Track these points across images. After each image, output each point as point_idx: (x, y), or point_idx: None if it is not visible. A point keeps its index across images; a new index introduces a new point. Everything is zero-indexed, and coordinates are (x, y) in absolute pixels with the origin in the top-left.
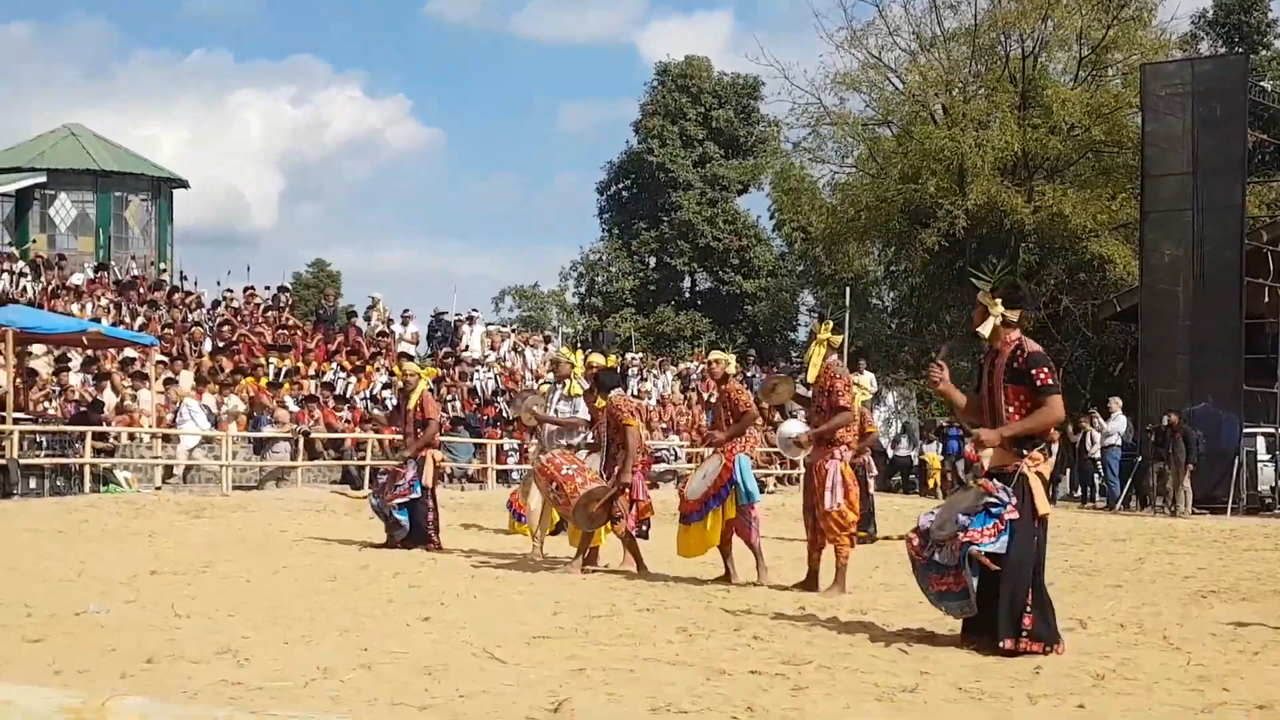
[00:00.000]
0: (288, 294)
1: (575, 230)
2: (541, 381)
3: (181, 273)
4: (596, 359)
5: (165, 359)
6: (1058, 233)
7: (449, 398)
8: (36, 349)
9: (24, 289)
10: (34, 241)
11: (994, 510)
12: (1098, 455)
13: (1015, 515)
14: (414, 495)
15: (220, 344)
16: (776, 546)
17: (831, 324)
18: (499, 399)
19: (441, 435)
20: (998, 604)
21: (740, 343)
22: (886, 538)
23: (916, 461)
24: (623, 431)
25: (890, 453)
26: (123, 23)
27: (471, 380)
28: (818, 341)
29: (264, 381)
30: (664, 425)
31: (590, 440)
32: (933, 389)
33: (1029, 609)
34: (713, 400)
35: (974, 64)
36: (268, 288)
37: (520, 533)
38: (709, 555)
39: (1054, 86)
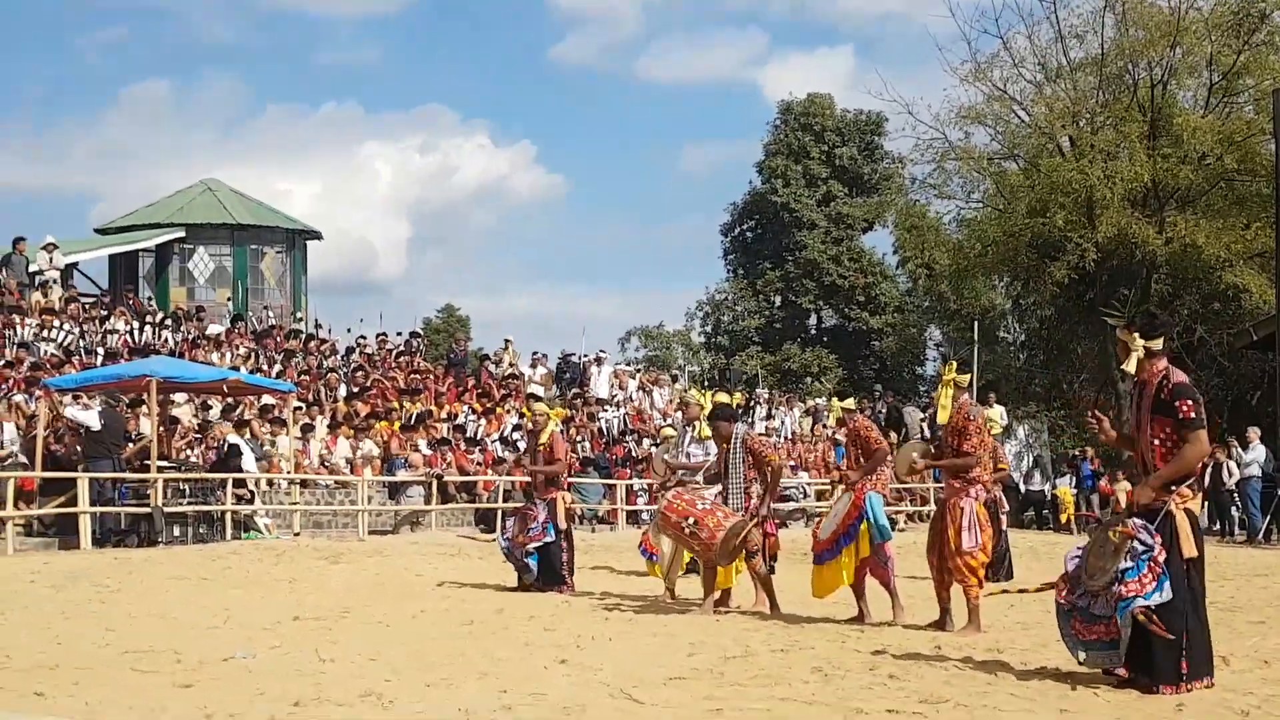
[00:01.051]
0: (419, 339)
1: (699, 271)
2: (663, 429)
3: (316, 321)
4: (721, 397)
5: (302, 404)
6: (1190, 263)
7: (578, 438)
8: (178, 397)
9: (165, 339)
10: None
11: (1142, 556)
12: (1233, 487)
13: (1164, 556)
14: (547, 539)
15: (354, 389)
16: (909, 585)
17: (955, 364)
18: (627, 438)
19: (571, 476)
20: (1152, 649)
21: (868, 378)
22: (1023, 590)
23: (1049, 496)
24: (761, 465)
25: (1023, 488)
26: (256, 79)
27: (599, 420)
28: (945, 384)
29: (397, 425)
30: (792, 462)
31: (706, 474)
32: (1105, 442)
33: (1185, 653)
34: (841, 438)
35: (1101, 94)
36: (400, 334)
37: (654, 574)
38: (842, 595)
39: (1184, 115)
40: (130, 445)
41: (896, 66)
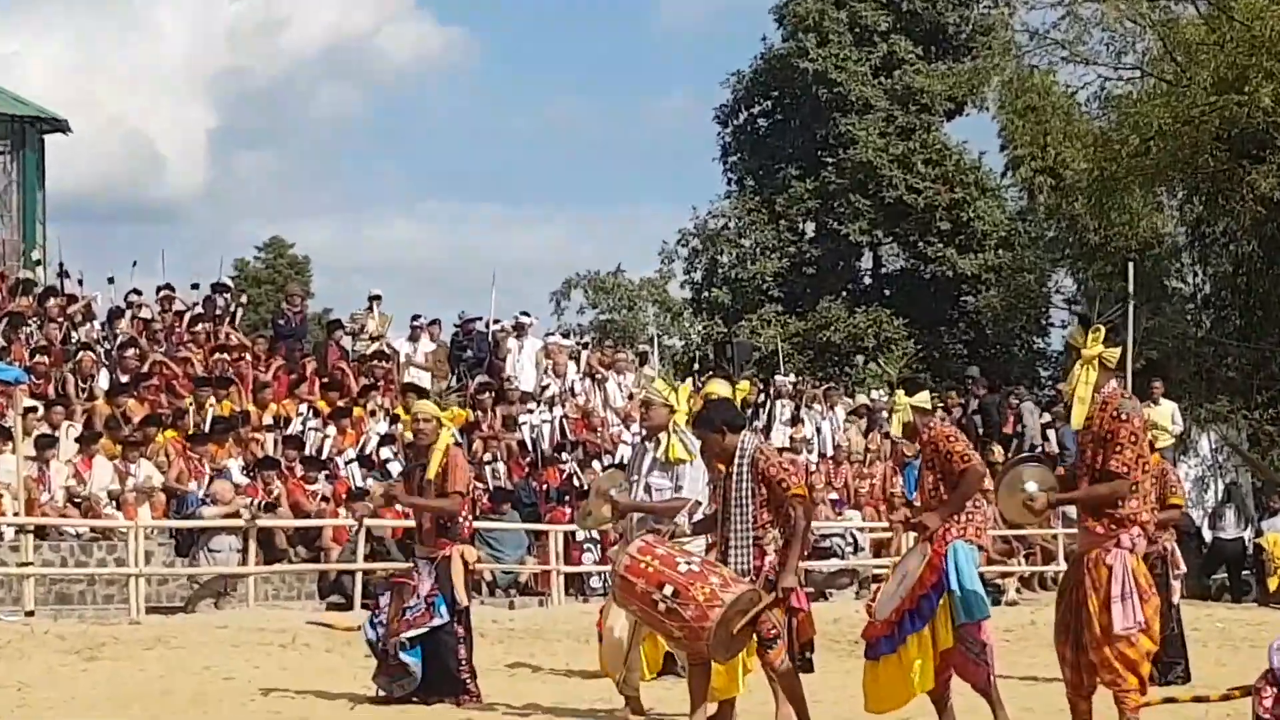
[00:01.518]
0: (228, 296)
1: (682, 184)
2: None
3: (61, 266)
4: (717, 388)
5: (37, 404)
6: None
7: (486, 457)
8: None
9: None
10: None
11: None
12: None
13: None
14: (435, 621)
15: (123, 378)
16: (1023, 691)
17: (1103, 331)
18: (565, 456)
19: (476, 518)
20: None
21: (955, 356)
22: (1200, 698)
23: (1250, 547)
24: (782, 500)
25: (1208, 535)
26: None
27: (521, 427)
28: (1083, 361)
29: (192, 435)
30: (834, 495)
31: (697, 518)
32: None
33: None
34: (911, 454)
35: None
36: (195, 286)
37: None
38: (915, 708)
39: None
40: None
41: None
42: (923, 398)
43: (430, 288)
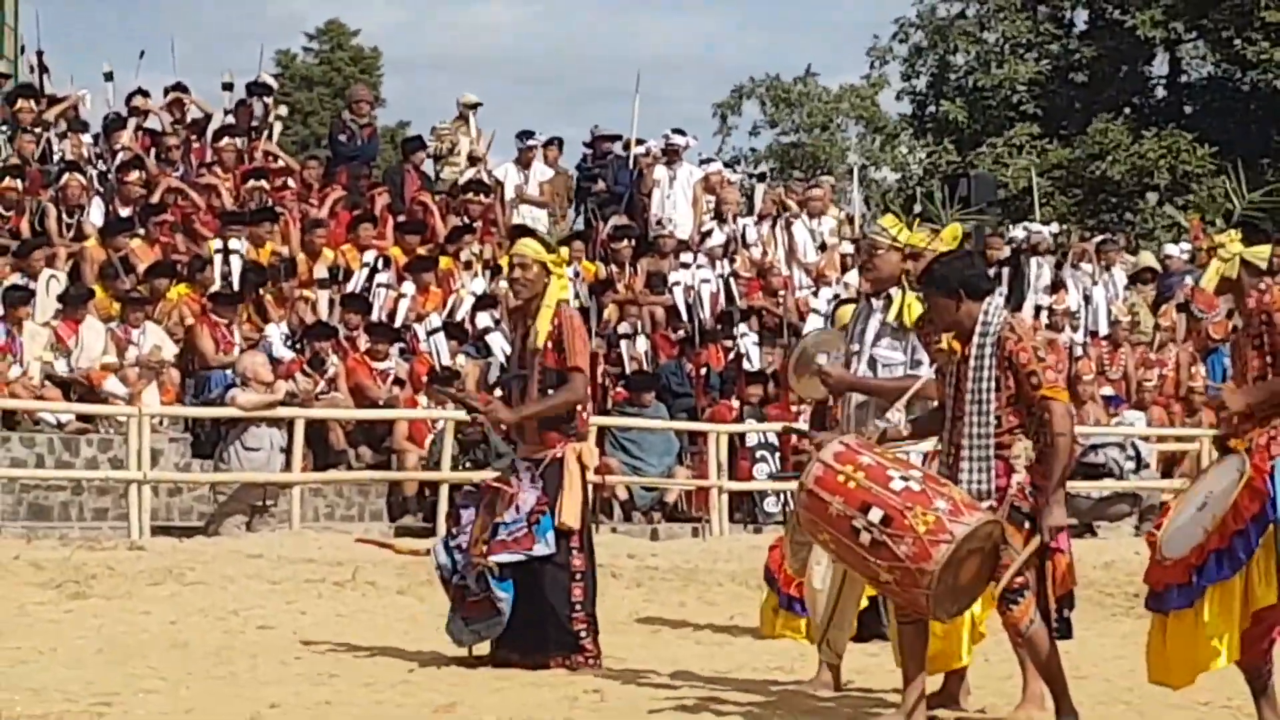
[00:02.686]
0: (268, 101)
1: None
2: (837, 304)
3: (40, 56)
4: (917, 238)
5: (6, 245)
6: None
7: (624, 328)
8: None
9: None
10: None
11: None
12: None
13: None
14: (539, 548)
15: (124, 211)
16: None
17: None
18: (736, 330)
19: (603, 409)
20: None
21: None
22: None
23: None
24: (1033, 400)
25: None
26: None
27: (672, 288)
28: None
29: (215, 292)
30: (1107, 389)
31: (913, 409)
32: None
33: None
34: (1229, 329)
35: None
36: (228, 87)
37: (791, 633)
38: (1222, 681)
39: None
40: None
41: None
42: (1262, 251)
43: (546, 94)
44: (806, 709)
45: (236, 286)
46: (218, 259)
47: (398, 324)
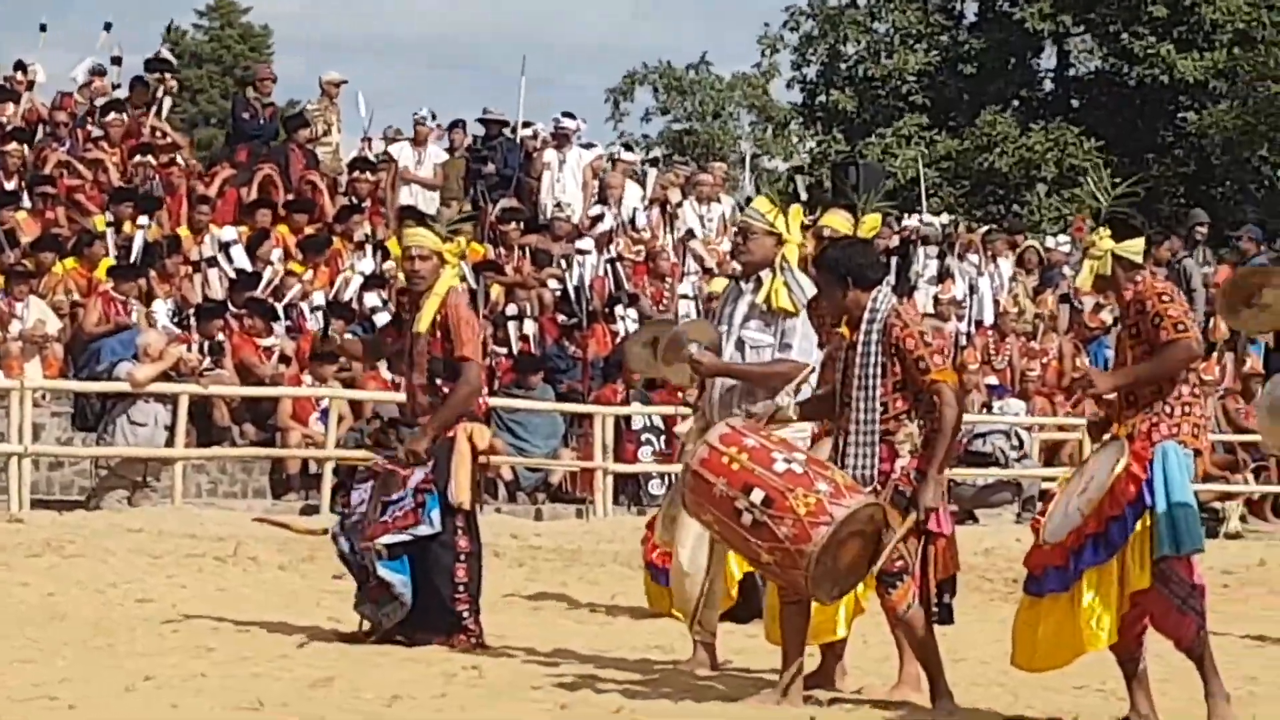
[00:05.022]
0: (162, 73)
1: None
2: (712, 282)
3: None
4: (836, 222)
5: None
6: None
7: (510, 310)
8: None
9: None
10: None
11: None
12: None
13: None
14: (424, 528)
15: (7, 184)
16: (1246, 657)
17: None
18: (621, 311)
19: (490, 391)
20: None
21: (1169, 194)
22: None
23: None
24: (921, 384)
25: None
26: None
27: (562, 270)
28: None
29: (102, 269)
30: (992, 379)
31: (802, 396)
32: None
33: None
34: (1099, 327)
35: None
36: (116, 61)
37: (666, 610)
38: (1091, 665)
39: None
40: None
41: None
42: (1134, 245)
43: (435, 76)
44: (684, 687)
45: (126, 261)
46: (109, 234)
47: (284, 302)
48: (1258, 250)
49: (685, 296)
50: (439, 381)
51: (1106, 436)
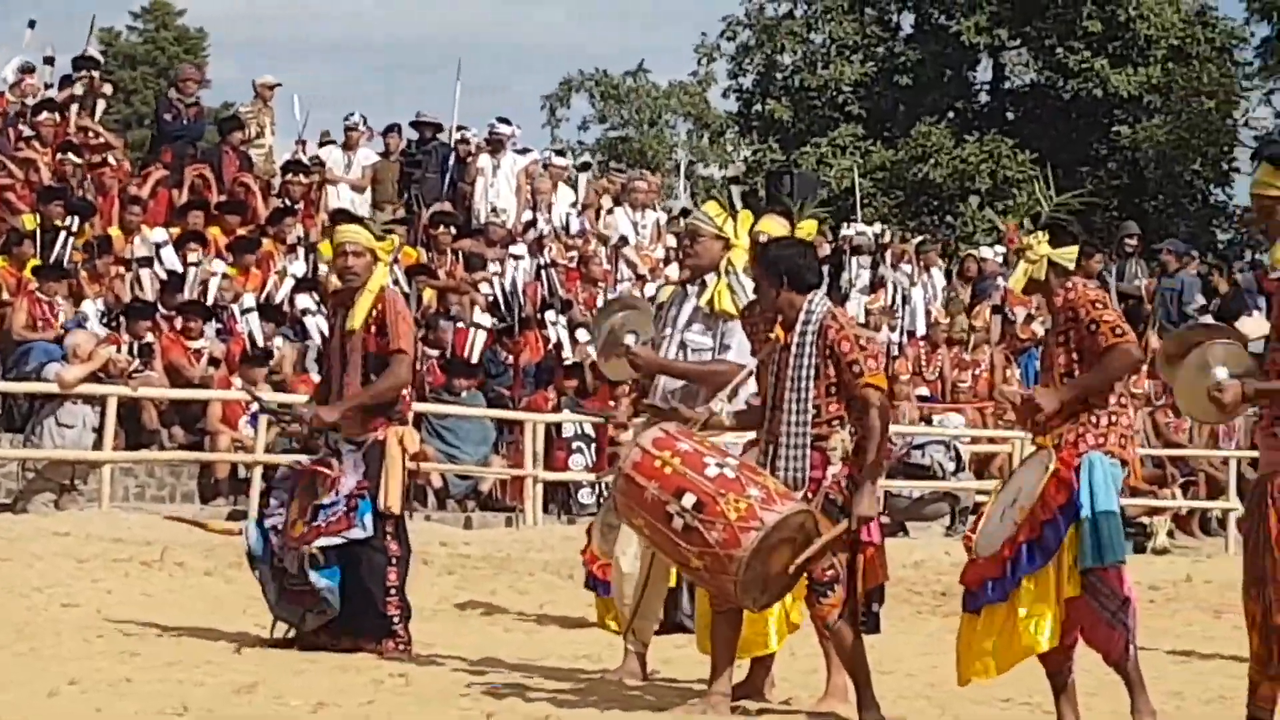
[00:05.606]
0: (92, 74)
1: None
2: (660, 285)
3: None
4: (771, 227)
5: None
6: None
7: (442, 314)
8: None
9: None
10: None
11: None
12: None
13: None
14: (356, 532)
15: None
16: (1173, 671)
17: None
18: (552, 316)
19: (422, 395)
20: None
21: (1102, 208)
22: None
23: None
24: (854, 390)
25: None
26: None
27: (495, 274)
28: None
29: (29, 269)
30: (924, 390)
31: (738, 405)
32: None
33: None
34: (1033, 333)
35: None
36: (49, 61)
37: (604, 622)
38: (1024, 677)
39: None
40: None
41: None
42: (1069, 253)
43: (368, 80)
44: (612, 697)
45: (54, 261)
46: (39, 233)
47: (214, 303)
48: (1179, 263)
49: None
50: (373, 378)
51: (1031, 449)
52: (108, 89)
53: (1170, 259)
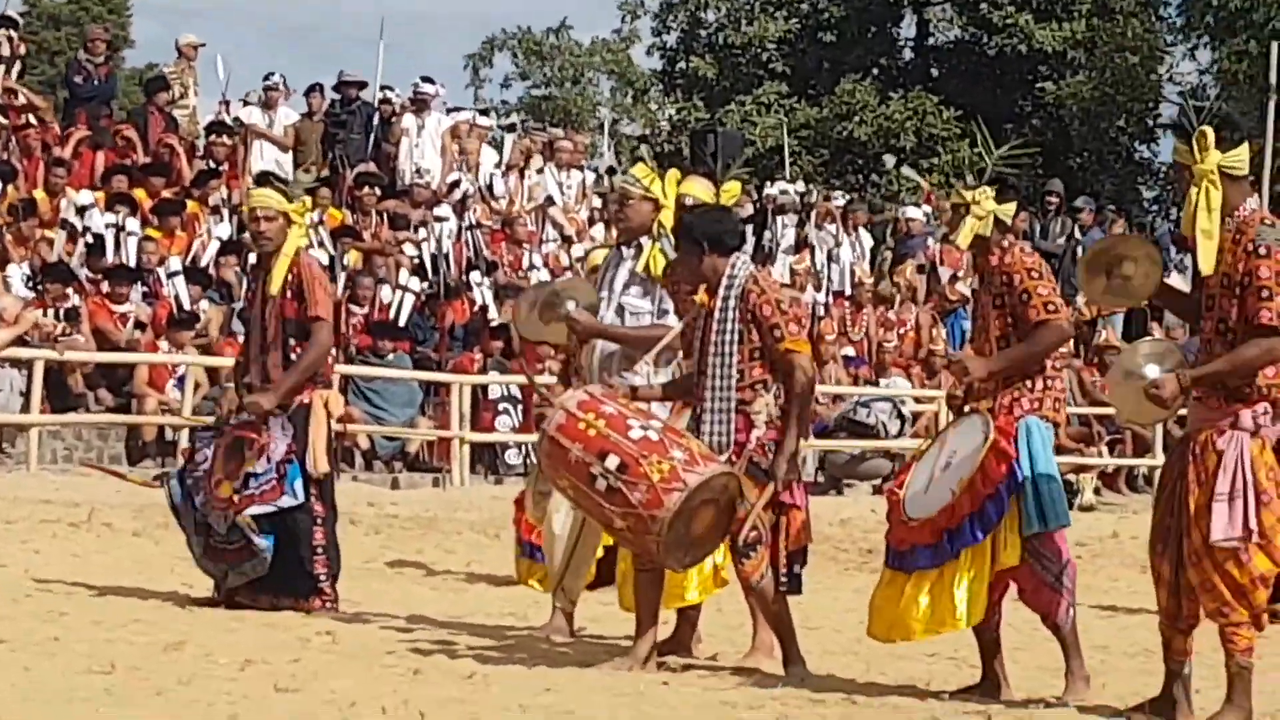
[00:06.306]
0: (11, 34)
1: None
2: (591, 248)
3: None
4: (695, 189)
5: None
6: None
7: (365, 277)
8: None
9: None
10: None
11: None
12: None
13: None
14: (289, 499)
15: None
16: (1099, 626)
17: (1210, 134)
18: (478, 279)
19: (344, 362)
20: None
21: (1027, 165)
22: None
23: None
24: (776, 355)
25: None
26: None
27: (420, 236)
28: (1199, 178)
29: None
30: (849, 351)
31: (676, 369)
32: None
33: None
34: (963, 288)
35: None
36: None
37: (530, 582)
38: (951, 640)
39: None
40: None
41: None
42: (1009, 209)
43: (290, 38)
44: (539, 653)
45: None
46: None
47: (140, 267)
48: (1094, 221)
49: (535, 267)
50: (292, 343)
51: (966, 409)
52: (20, 47)
53: (1088, 217)
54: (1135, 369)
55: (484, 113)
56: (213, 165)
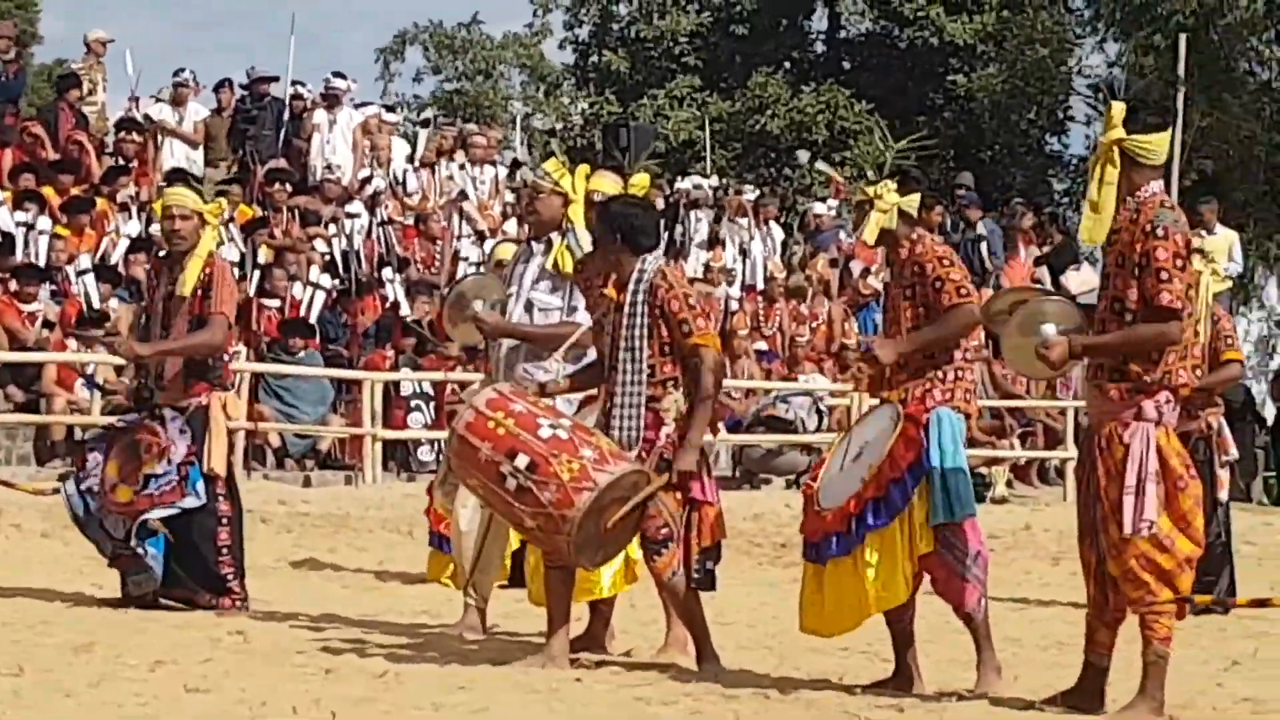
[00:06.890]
0: None
1: None
2: (497, 242)
3: None
4: (604, 184)
5: None
6: None
7: (277, 274)
8: None
9: None
10: None
11: None
12: None
13: None
14: (191, 500)
15: None
16: (1011, 619)
17: (1122, 109)
18: (388, 275)
19: (255, 359)
20: None
21: (940, 158)
22: (1263, 602)
23: None
24: (685, 349)
25: (1270, 412)
26: None
27: (331, 233)
28: (1101, 151)
29: None
30: (762, 344)
31: (582, 363)
32: None
33: None
34: (875, 282)
35: None
36: None
37: (442, 580)
38: (869, 629)
39: None
40: None
41: None
42: (913, 200)
43: (210, 35)
44: (452, 651)
45: None
46: None
47: (47, 265)
48: (981, 214)
49: (466, 261)
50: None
51: (876, 401)
52: None
53: (974, 211)
54: (1034, 323)
55: (390, 109)
56: (122, 162)
